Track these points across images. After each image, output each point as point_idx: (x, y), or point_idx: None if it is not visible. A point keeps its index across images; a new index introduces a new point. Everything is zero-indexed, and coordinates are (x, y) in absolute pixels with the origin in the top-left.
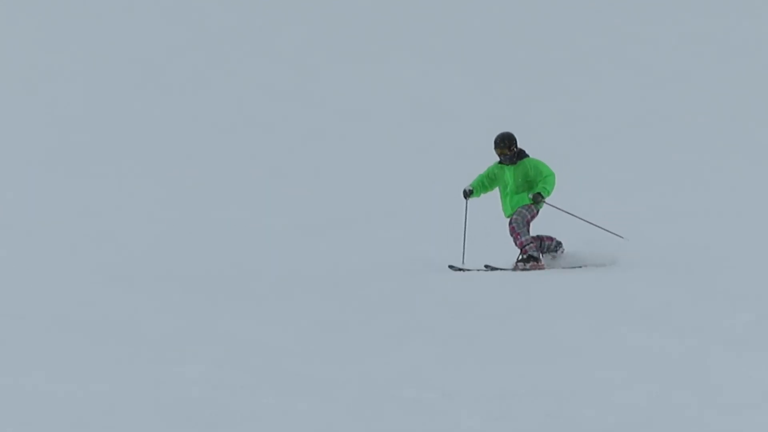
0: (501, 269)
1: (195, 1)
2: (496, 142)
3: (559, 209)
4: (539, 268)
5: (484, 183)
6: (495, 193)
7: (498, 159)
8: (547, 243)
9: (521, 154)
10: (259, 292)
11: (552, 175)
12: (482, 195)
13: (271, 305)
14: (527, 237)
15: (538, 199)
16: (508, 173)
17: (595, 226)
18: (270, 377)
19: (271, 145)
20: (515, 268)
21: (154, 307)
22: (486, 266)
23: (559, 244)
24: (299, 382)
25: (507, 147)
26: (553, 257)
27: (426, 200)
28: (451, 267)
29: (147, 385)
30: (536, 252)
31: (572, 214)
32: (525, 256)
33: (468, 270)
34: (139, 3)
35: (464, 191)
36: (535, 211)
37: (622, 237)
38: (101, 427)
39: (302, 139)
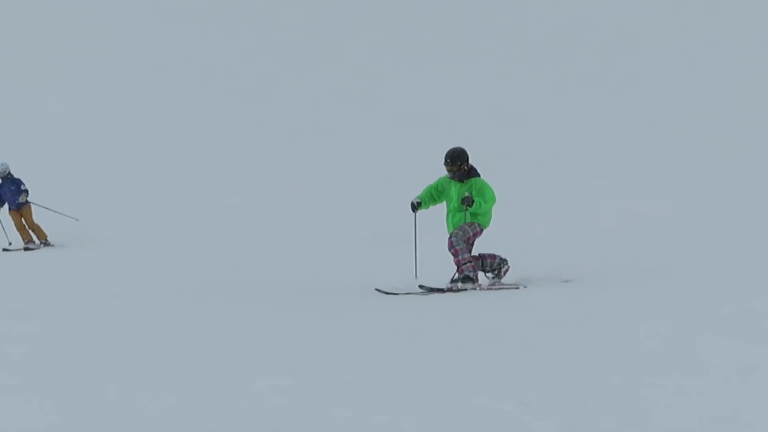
0: (436, 290)
1: (267, 8)
2: (446, 158)
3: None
4: (475, 289)
5: (433, 195)
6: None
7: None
8: (489, 261)
9: (471, 172)
10: (333, 302)
11: (493, 200)
12: (431, 207)
13: (344, 315)
14: (466, 256)
15: (466, 201)
16: (454, 189)
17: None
18: (344, 388)
19: (343, 150)
20: (449, 289)
21: (224, 319)
22: (421, 287)
23: (503, 261)
24: (373, 393)
25: (457, 164)
26: (496, 275)
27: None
28: (378, 290)
29: (219, 397)
30: (473, 273)
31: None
32: (461, 276)
33: (396, 294)
34: (210, 11)
35: (412, 204)
36: (478, 229)
37: (522, 288)
38: None
39: (373, 145)
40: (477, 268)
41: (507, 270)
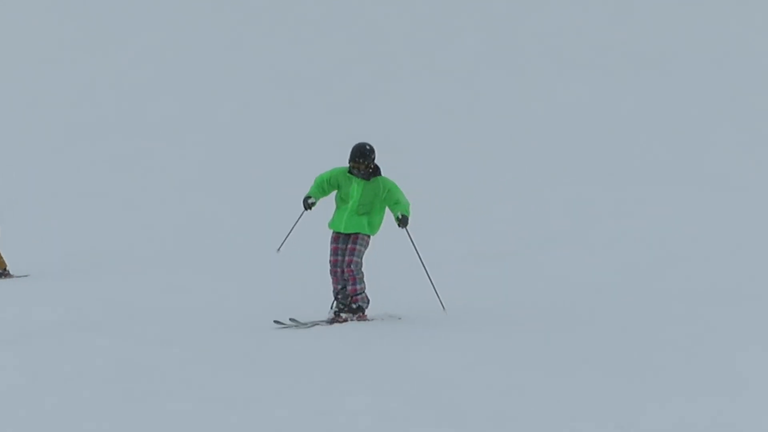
0: (314, 323)
1: (361, 16)
2: (356, 154)
3: (413, 242)
4: (363, 320)
5: (324, 188)
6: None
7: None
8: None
9: (376, 171)
10: (428, 322)
11: (409, 204)
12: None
13: (437, 335)
14: (363, 285)
15: (405, 222)
16: (356, 187)
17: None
18: (436, 409)
19: (441, 163)
20: (335, 320)
21: (311, 339)
22: (291, 320)
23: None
24: (465, 415)
25: (366, 162)
26: (352, 311)
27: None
28: (276, 322)
29: (309, 417)
30: (366, 303)
31: (419, 255)
32: (354, 306)
33: (301, 324)
34: (302, 18)
35: (307, 202)
36: (369, 242)
37: (444, 308)
38: None
39: (469, 157)
40: (367, 298)
41: (360, 315)
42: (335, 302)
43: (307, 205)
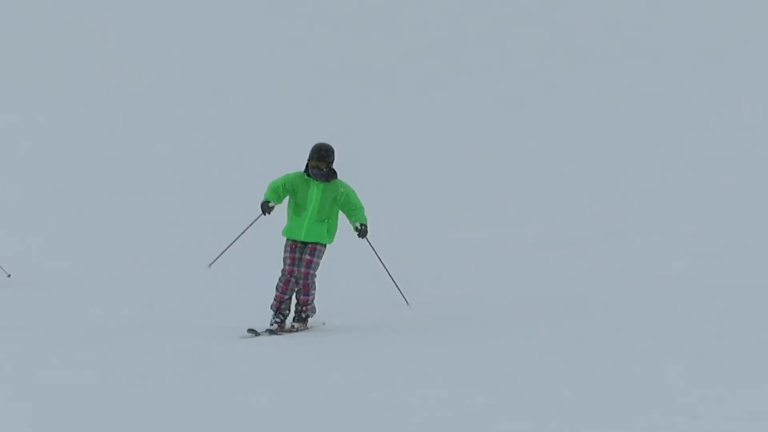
0: (270, 332)
1: (423, 6)
2: (318, 152)
3: (374, 251)
4: (305, 329)
5: (279, 194)
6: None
7: (304, 170)
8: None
9: (334, 173)
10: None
11: (364, 208)
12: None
13: (505, 328)
14: (314, 295)
15: (365, 232)
16: (316, 190)
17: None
18: (513, 401)
19: (511, 154)
20: (292, 328)
21: (379, 333)
22: (249, 330)
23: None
24: (541, 406)
25: (328, 161)
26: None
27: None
28: (250, 331)
29: (380, 412)
30: (313, 313)
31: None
32: (304, 315)
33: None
34: (366, 10)
35: (268, 206)
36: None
37: (407, 303)
38: None
39: (542, 148)
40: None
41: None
42: (276, 314)
43: (268, 209)
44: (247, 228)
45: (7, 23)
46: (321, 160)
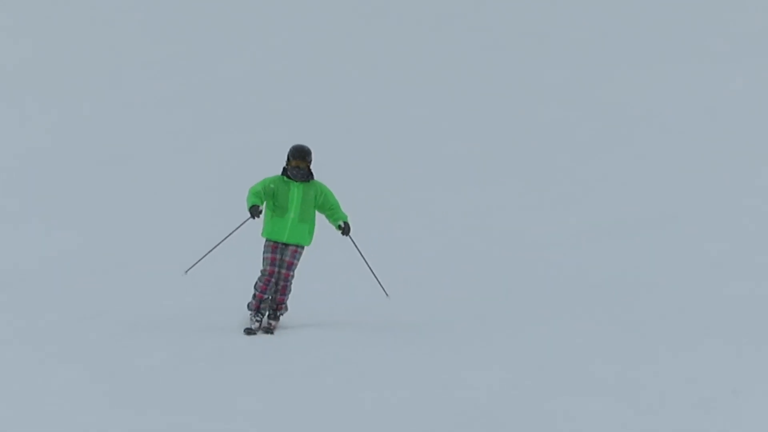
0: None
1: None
2: (297, 152)
3: (357, 248)
4: (276, 327)
5: (261, 198)
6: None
7: (281, 172)
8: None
9: (311, 173)
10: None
11: (341, 206)
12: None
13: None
14: (289, 296)
15: (348, 230)
16: (296, 191)
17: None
18: (557, 379)
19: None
20: (270, 327)
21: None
22: (246, 330)
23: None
24: (594, 383)
25: (308, 160)
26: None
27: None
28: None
29: (435, 390)
30: (285, 311)
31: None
32: (279, 313)
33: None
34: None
35: (258, 209)
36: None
37: (387, 295)
38: None
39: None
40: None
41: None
42: (256, 313)
43: (257, 213)
44: (233, 232)
45: (88, 22)
46: (302, 159)
